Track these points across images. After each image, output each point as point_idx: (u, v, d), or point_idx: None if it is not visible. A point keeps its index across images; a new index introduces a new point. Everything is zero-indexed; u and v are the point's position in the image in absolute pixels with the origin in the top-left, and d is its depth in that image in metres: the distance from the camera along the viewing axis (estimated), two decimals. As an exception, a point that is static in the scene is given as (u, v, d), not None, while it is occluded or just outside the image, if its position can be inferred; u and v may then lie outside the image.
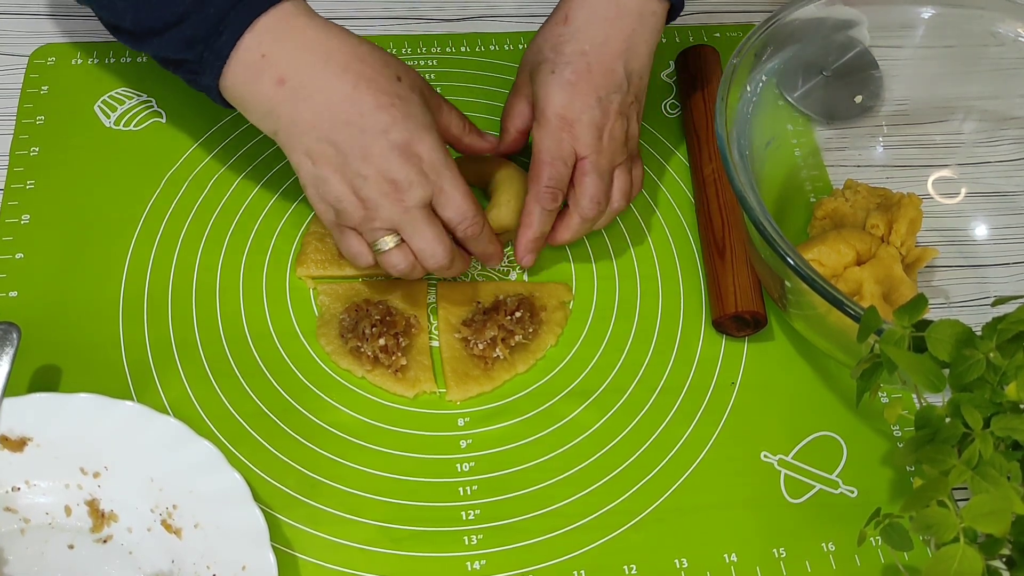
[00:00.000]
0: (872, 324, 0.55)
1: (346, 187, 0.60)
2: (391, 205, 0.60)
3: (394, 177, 0.60)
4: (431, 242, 0.62)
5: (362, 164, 0.60)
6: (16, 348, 0.61)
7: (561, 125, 0.66)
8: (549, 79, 0.66)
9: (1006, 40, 0.76)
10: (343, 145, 0.60)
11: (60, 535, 0.59)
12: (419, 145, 0.60)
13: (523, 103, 0.71)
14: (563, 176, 0.66)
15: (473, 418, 0.66)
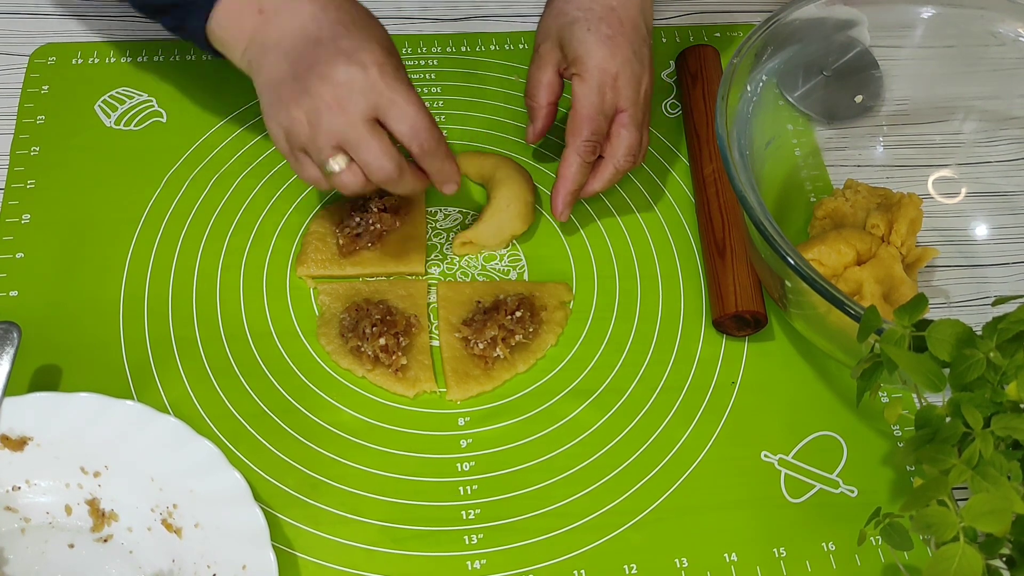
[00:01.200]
0: (872, 324, 0.55)
1: (294, 104, 0.60)
2: (333, 116, 0.59)
3: (336, 83, 0.59)
4: (377, 154, 0.60)
5: (309, 75, 0.59)
6: (16, 348, 0.61)
7: (605, 79, 0.67)
8: (587, 36, 0.67)
9: (1006, 40, 0.76)
10: (297, 60, 0.60)
11: (60, 534, 0.59)
12: (368, 55, 0.59)
13: (551, 73, 0.71)
14: (603, 130, 0.68)
15: (473, 418, 0.66)
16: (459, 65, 0.84)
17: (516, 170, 0.73)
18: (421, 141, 0.61)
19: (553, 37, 0.70)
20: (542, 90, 0.71)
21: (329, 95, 0.59)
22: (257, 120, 0.78)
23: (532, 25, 0.87)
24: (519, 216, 0.72)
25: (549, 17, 0.71)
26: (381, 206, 0.72)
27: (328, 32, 0.60)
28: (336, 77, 0.59)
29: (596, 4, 0.68)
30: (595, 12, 0.68)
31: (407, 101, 0.60)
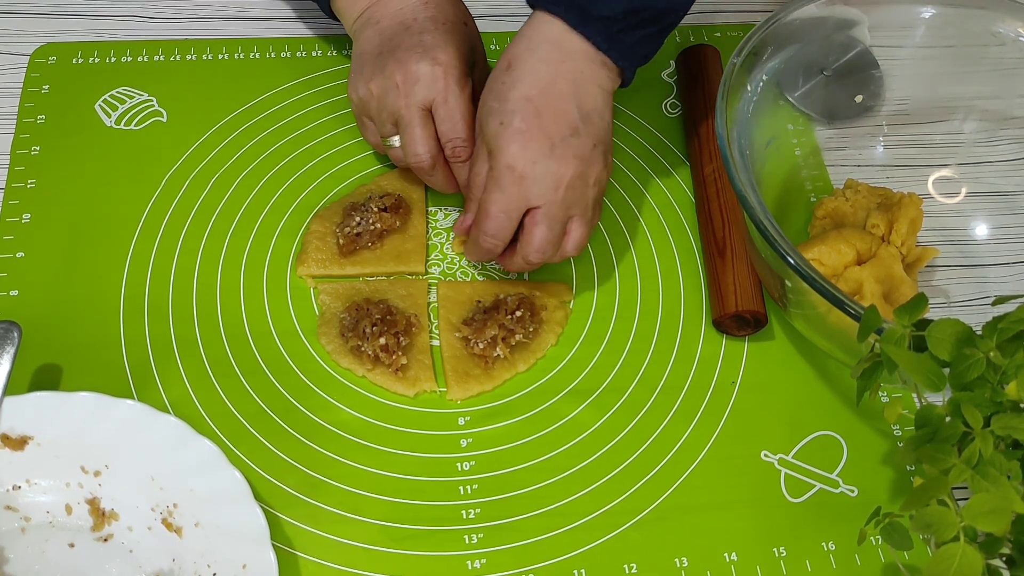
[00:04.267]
0: (872, 323, 0.55)
1: (371, 78, 0.67)
2: (396, 98, 0.66)
3: (407, 70, 0.65)
4: (416, 140, 0.67)
5: (389, 58, 0.66)
6: (17, 347, 0.61)
7: (512, 179, 0.62)
8: (499, 130, 0.63)
9: (1006, 40, 0.76)
10: (386, 41, 0.68)
11: (61, 534, 0.59)
12: (443, 54, 0.66)
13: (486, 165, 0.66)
14: (506, 229, 0.64)
15: (473, 417, 0.66)
16: (459, 65, 0.84)
17: None
18: (454, 147, 0.67)
19: (479, 129, 0.66)
20: (479, 183, 0.66)
21: (399, 78, 0.66)
22: (257, 120, 0.78)
23: (532, 25, 0.87)
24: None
25: (479, 106, 0.67)
26: (381, 206, 0.72)
27: (419, 25, 0.67)
28: (409, 65, 0.65)
29: (512, 93, 0.63)
30: (510, 103, 0.63)
31: (456, 104, 0.66)
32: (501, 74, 0.65)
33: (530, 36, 0.65)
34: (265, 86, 0.80)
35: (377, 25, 0.69)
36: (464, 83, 0.67)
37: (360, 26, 0.70)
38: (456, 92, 0.66)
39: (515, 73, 0.64)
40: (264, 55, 0.82)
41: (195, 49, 0.82)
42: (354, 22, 0.71)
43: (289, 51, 0.83)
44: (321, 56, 0.83)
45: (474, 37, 0.71)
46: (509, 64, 0.64)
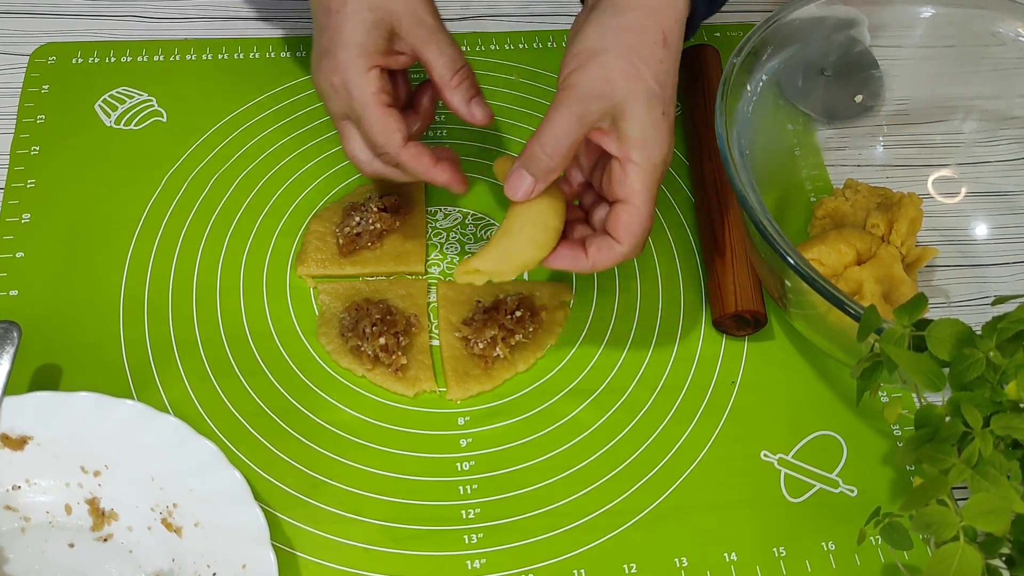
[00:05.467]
0: (872, 323, 0.55)
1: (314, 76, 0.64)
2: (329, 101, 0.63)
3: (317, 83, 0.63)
4: (350, 153, 0.65)
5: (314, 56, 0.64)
6: (17, 347, 0.61)
7: (663, 173, 0.59)
8: (661, 120, 0.58)
9: (1006, 40, 0.76)
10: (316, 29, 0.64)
11: (60, 534, 0.59)
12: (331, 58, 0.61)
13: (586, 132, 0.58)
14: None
15: (473, 417, 0.66)
16: (459, 65, 0.84)
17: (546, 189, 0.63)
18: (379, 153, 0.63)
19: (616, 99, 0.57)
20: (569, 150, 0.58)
21: (316, 88, 0.64)
22: (257, 120, 0.78)
23: (533, 25, 0.87)
24: (532, 243, 0.60)
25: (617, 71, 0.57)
26: (381, 206, 0.72)
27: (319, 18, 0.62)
28: (315, 76, 0.63)
29: (671, 79, 0.59)
30: (669, 90, 0.59)
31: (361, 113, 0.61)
32: (658, 48, 0.58)
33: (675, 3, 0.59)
34: (265, 86, 0.80)
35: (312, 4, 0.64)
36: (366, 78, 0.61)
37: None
38: (356, 95, 0.61)
39: (671, 50, 0.59)
40: (264, 55, 0.82)
41: (195, 49, 0.82)
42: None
43: (289, 51, 0.83)
44: (321, 56, 0.83)
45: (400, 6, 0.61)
46: (665, 38, 0.58)
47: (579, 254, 0.60)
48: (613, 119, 0.57)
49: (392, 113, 0.62)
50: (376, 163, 0.64)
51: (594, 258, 0.60)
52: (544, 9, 0.89)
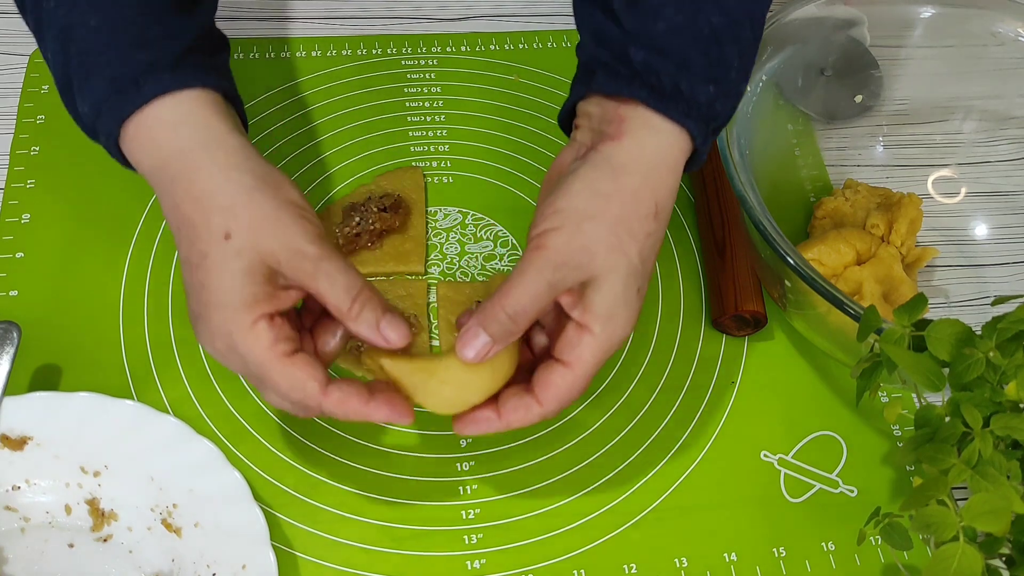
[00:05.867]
0: (872, 323, 0.55)
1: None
2: (225, 363, 0.53)
3: (202, 345, 0.52)
4: (269, 399, 0.53)
5: (187, 298, 0.53)
6: (16, 347, 0.61)
7: (618, 349, 0.54)
8: (635, 298, 0.53)
9: (1006, 40, 0.76)
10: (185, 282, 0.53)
11: (60, 534, 0.59)
12: (208, 323, 0.51)
13: (554, 300, 0.53)
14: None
15: (473, 417, 0.66)
16: (459, 65, 0.84)
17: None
18: (297, 411, 0.53)
19: (593, 270, 0.52)
20: (532, 318, 0.52)
21: (211, 351, 0.52)
22: (256, 120, 0.78)
23: (533, 25, 0.87)
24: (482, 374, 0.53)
25: (600, 243, 0.52)
26: (381, 206, 0.72)
27: (184, 274, 0.52)
28: (201, 343, 0.52)
29: (653, 254, 0.54)
30: (649, 265, 0.54)
31: (261, 376, 0.51)
32: (648, 221, 0.53)
33: (673, 169, 0.54)
34: (265, 86, 0.80)
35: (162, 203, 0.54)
36: (253, 336, 0.50)
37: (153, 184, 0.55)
38: (249, 358, 0.50)
39: (661, 223, 0.54)
40: (264, 55, 0.82)
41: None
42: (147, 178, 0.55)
43: (288, 51, 0.83)
44: (320, 56, 0.83)
45: (254, 240, 0.50)
46: (657, 210, 0.53)
47: (490, 417, 0.53)
48: (583, 284, 0.52)
49: (297, 363, 0.50)
50: (296, 410, 0.53)
51: (508, 418, 0.53)
52: (544, 9, 0.89)
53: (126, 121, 0.52)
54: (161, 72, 0.52)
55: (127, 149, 0.54)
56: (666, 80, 0.53)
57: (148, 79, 0.52)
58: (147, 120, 0.52)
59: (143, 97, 0.52)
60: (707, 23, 0.53)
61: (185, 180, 0.51)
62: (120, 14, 0.52)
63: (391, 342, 0.52)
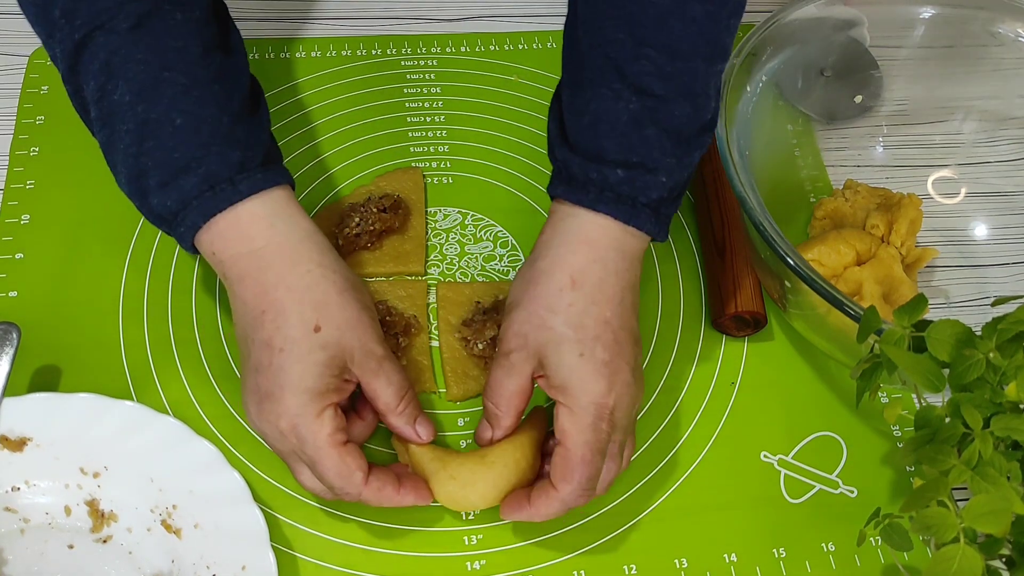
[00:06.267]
0: (872, 324, 0.55)
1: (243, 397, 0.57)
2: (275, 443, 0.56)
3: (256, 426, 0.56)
4: (304, 486, 0.58)
5: (243, 386, 0.57)
6: (16, 348, 0.61)
7: (602, 415, 0.56)
8: (580, 363, 0.56)
9: (1006, 40, 0.76)
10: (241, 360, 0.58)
11: (60, 535, 0.59)
12: (278, 403, 0.54)
13: (525, 382, 0.58)
14: (600, 469, 0.57)
15: (473, 418, 0.66)
16: (459, 65, 0.84)
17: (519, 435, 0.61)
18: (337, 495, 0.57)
19: (531, 349, 0.57)
20: (512, 400, 0.59)
21: (254, 427, 0.57)
22: (257, 120, 0.78)
23: (532, 25, 0.87)
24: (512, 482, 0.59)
25: (526, 324, 0.58)
26: (380, 206, 0.72)
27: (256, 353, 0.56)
28: (254, 422, 0.56)
29: (588, 319, 0.56)
30: (588, 331, 0.56)
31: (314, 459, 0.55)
32: (564, 293, 0.57)
33: (587, 243, 0.58)
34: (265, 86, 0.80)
35: (235, 326, 0.58)
36: (318, 423, 0.54)
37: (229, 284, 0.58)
38: (310, 442, 0.54)
39: (585, 292, 0.57)
40: (264, 55, 0.82)
41: (194, 49, 0.82)
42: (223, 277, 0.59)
43: (288, 51, 0.83)
44: (320, 56, 0.83)
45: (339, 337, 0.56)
46: (573, 281, 0.57)
47: (523, 502, 0.58)
48: (543, 367, 0.57)
49: (350, 453, 0.55)
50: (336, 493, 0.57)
51: (535, 504, 0.57)
52: (544, 9, 0.89)
53: (217, 215, 0.56)
54: (252, 171, 0.57)
55: (207, 238, 0.57)
56: (577, 171, 0.59)
57: (242, 178, 0.56)
58: (242, 215, 0.56)
59: (239, 194, 0.56)
60: (625, 110, 0.58)
61: (279, 269, 0.56)
62: (204, 113, 0.56)
63: (423, 438, 0.60)
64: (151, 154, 0.55)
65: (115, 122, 0.56)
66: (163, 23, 0.56)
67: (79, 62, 0.56)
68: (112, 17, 0.55)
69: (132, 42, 0.55)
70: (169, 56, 0.56)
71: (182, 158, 0.55)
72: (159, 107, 0.55)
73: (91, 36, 0.55)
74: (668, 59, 0.57)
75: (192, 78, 0.56)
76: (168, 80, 0.56)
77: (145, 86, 0.55)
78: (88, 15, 0.55)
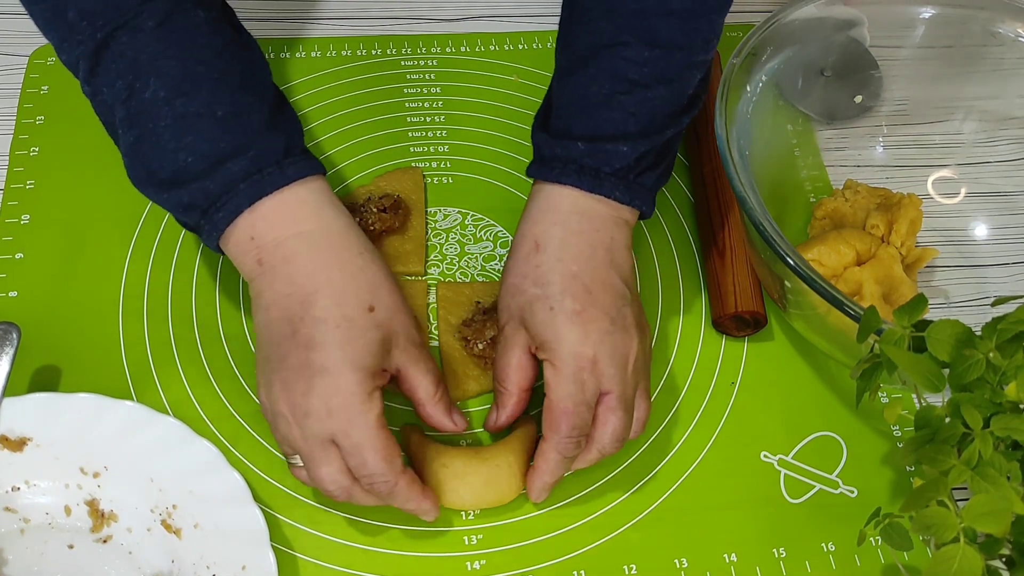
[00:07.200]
0: (872, 324, 0.55)
1: (264, 380, 0.56)
2: (287, 429, 0.55)
3: (294, 402, 0.54)
4: (323, 480, 0.55)
5: (275, 375, 0.55)
6: (16, 348, 0.61)
7: (582, 365, 0.57)
8: (551, 317, 0.58)
9: (1006, 40, 0.76)
10: (272, 346, 0.56)
11: (60, 535, 0.59)
12: (335, 378, 0.54)
13: (520, 355, 0.60)
14: (587, 420, 0.58)
15: (473, 417, 0.66)
16: (459, 65, 0.84)
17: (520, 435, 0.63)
18: (369, 482, 0.55)
19: (516, 318, 0.60)
20: (512, 374, 0.60)
21: (286, 407, 0.55)
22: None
23: (532, 25, 0.87)
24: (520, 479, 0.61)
25: (507, 295, 0.61)
26: (380, 206, 0.72)
27: (307, 329, 0.55)
28: (295, 396, 0.54)
29: (554, 275, 0.58)
30: (555, 285, 0.58)
31: (362, 438, 0.54)
32: (531, 256, 0.60)
33: (549, 210, 0.61)
34: (264, 87, 0.80)
35: (265, 313, 0.57)
36: (370, 403, 0.54)
37: (254, 297, 0.58)
38: (359, 422, 0.54)
39: (549, 252, 0.59)
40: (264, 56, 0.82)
41: (194, 50, 0.82)
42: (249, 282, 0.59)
43: (288, 51, 0.83)
44: (320, 56, 0.83)
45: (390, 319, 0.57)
46: (537, 244, 0.60)
47: (530, 473, 0.60)
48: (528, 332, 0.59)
49: (393, 439, 0.55)
50: (355, 489, 0.56)
51: (537, 466, 0.59)
52: (544, 9, 0.89)
53: (264, 198, 0.56)
54: (297, 157, 0.58)
55: (247, 223, 0.57)
56: (545, 150, 0.62)
57: (289, 162, 0.57)
58: (289, 199, 0.57)
59: (286, 178, 0.57)
60: (597, 94, 0.61)
61: (331, 251, 0.57)
62: (245, 104, 0.57)
63: (459, 427, 0.61)
64: (193, 147, 0.56)
65: (146, 120, 0.56)
66: (187, 20, 0.57)
67: (100, 62, 0.56)
68: (135, 16, 0.55)
69: (160, 39, 0.55)
70: (200, 51, 0.57)
71: (228, 147, 0.56)
72: (197, 101, 0.56)
73: (113, 36, 0.55)
74: (645, 47, 0.60)
75: (226, 71, 0.57)
76: (203, 75, 0.56)
77: (180, 82, 0.56)
78: (109, 15, 0.55)
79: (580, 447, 0.59)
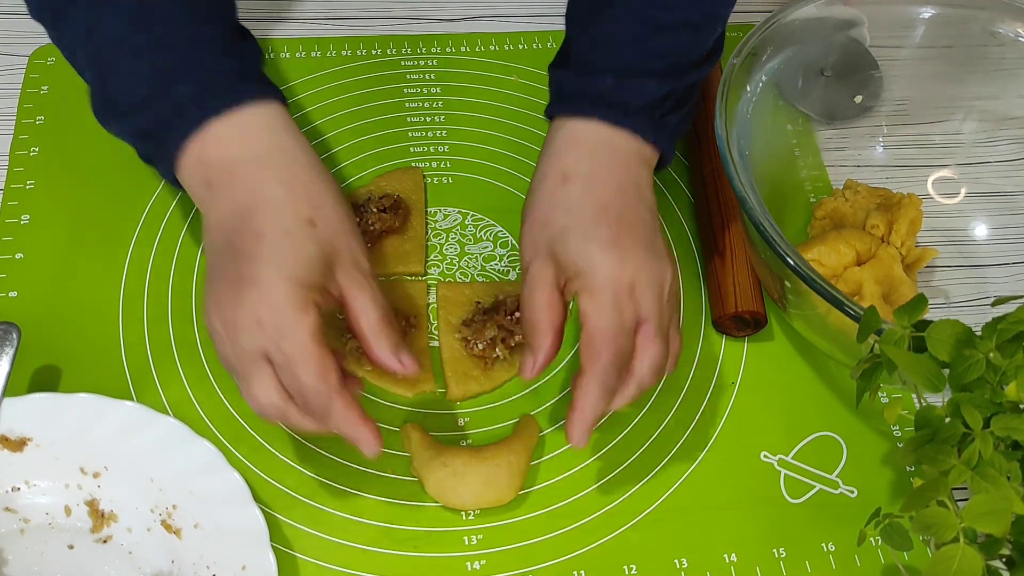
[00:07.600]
0: (872, 324, 0.55)
1: (205, 301, 0.55)
2: (222, 344, 0.54)
3: (224, 316, 0.53)
4: (257, 396, 0.53)
5: (214, 284, 0.54)
6: (16, 348, 0.61)
7: (620, 291, 0.55)
8: (586, 244, 0.56)
9: (1006, 40, 0.76)
10: (212, 266, 0.55)
11: (60, 535, 0.59)
12: (265, 289, 0.52)
13: (549, 293, 0.57)
14: (628, 349, 0.56)
15: (473, 418, 0.66)
16: (459, 65, 0.84)
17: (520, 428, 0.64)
18: (305, 399, 0.53)
19: (543, 252, 0.58)
20: (544, 314, 0.57)
21: (217, 322, 0.54)
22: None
23: (533, 25, 0.87)
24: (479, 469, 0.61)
25: (533, 230, 0.59)
26: (380, 206, 0.72)
27: (242, 243, 0.53)
28: (224, 309, 0.53)
29: (586, 205, 0.57)
30: (587, 215, 0.57)
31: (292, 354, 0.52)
32: (558, 188, 0.58)
33: (576, 143, 0.60)
34: (264, 87, 0.80)
35: (209, 234, 0.56)
36: (303, 314, 0.52)
37: (203, 222, 0.57)
38: (290, 332, 0.52)
39: (578, 183, 0.58)
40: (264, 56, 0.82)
41: (194, 50, 0.82)
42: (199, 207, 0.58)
43: (288, 51, 0.83)
44: (320, 56, 0.83)
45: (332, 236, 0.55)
46: (565, 176, 0.59)
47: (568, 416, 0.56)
48: (558, 265, 0.57)
49: (329, 355, 0.53)
50: (289, 409, 0.54)
51: (576, 404, 0.56)
52: (544, 9, 0.89)
53: (213, 119, 0.56)
54: (251, 82, 0.58)
55: (198, 146, 0.56)
56: (568, 88, 0.62)
57: (241, 87, 0.57)
58: (240, 120, 0.56)
59: (237, 100, 0.56)
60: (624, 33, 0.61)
61: (275, 167, 0.56)
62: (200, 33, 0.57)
63: (407, 368, 0.57)
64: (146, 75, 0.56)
65: (105, 54, 0.57)
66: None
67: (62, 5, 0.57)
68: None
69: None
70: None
71: (180, 71, 0.56)
72: (152, 33, 0.56)
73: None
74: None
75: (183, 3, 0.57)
76: (159, 7, 0.56)
77: (136, 15, 0.56)
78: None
79: (622, 379, 0.56)
